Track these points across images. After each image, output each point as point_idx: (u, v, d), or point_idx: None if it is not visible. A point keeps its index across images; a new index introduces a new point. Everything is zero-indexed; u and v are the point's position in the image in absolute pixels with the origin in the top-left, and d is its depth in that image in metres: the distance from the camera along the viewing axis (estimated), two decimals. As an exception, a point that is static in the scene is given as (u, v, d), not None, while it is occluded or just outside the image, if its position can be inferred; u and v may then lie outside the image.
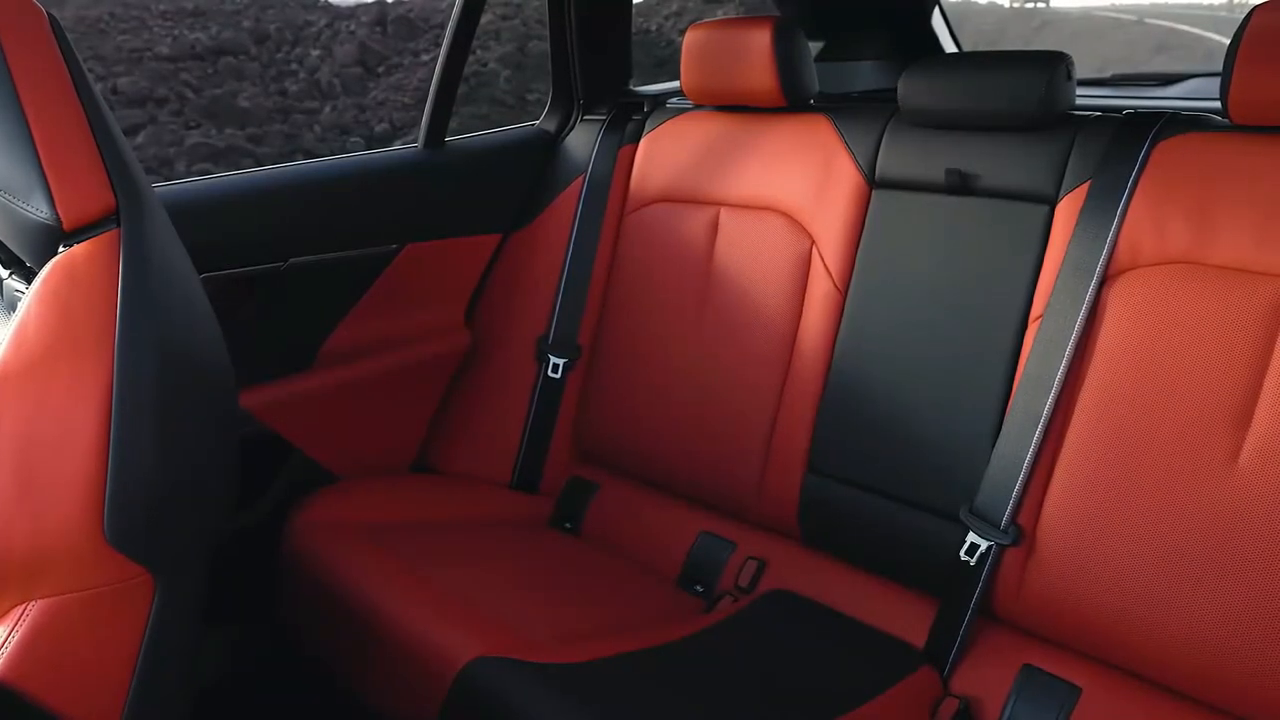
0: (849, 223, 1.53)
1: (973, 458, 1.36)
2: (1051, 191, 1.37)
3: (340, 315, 1.77)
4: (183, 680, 1.00)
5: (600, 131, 1.91)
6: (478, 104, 7.75)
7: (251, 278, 1.63)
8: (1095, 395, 1.26)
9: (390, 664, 1.36)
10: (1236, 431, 1.16)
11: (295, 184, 1.72)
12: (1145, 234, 1.27)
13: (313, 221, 1.71)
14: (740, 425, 1.58)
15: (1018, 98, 1.39)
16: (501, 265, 1.93)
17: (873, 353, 1.48)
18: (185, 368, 0.94)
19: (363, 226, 1.76)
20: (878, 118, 1.56)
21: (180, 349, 0.93)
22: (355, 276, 1.77)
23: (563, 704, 1.16)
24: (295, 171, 1.75)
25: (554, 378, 1.83)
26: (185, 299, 0.96)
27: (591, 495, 1.78)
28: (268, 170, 1.74)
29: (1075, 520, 1.25)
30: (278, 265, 1.65)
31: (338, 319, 1.77)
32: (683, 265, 1.71)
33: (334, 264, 1.72)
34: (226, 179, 1.68)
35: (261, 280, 1.65)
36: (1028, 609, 1.29)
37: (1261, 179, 1.20)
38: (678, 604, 1.53)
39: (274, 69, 7.48)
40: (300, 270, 1.68)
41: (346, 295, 1.77)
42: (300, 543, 1.56)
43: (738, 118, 1.74)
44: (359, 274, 1.77)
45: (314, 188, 1.73)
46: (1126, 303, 1.26)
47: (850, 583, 1.47)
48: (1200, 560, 1.15)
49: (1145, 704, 1.21)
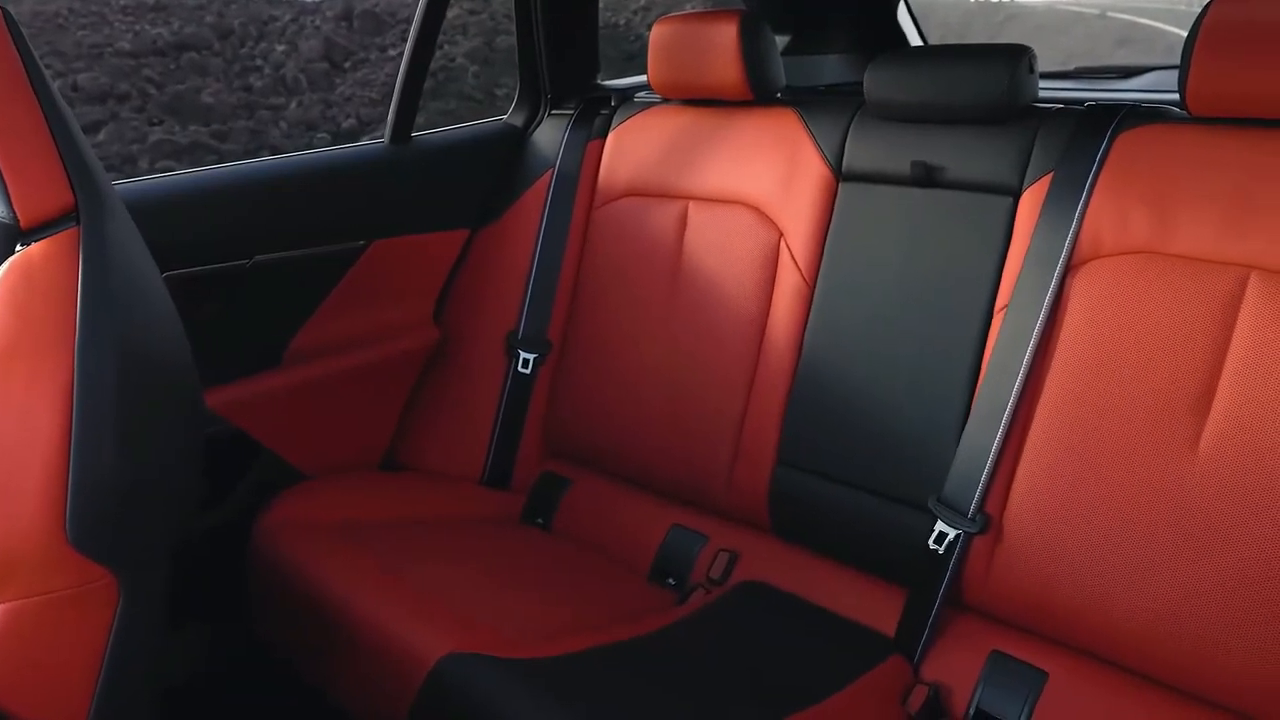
0: (816, 215, 1.54)
1: (940, 448, 1.37)
2: (1015, 183, 1.38)
3: (307, 313, 1.76)
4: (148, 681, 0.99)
5: (568, 126, 1.90)
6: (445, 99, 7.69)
7: (216, 276, 1.62)
8: (1059, 384, 1.28)
9: (361, 662, 1.35)
10: (1197, 418, 1.18)
11: (259, 180, 1.70)
12: (1107, 224, 1.28)
13: (278, 218, 1.70)
14: (710, 418, 1.58)
15: (981, 91, 1.40)
16: (470, 261, 1.92)
17: (841, 345, 1.49)
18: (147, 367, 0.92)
19: (329, 223, 1.74)
20: (844, 111, 1.57)
21: (142, 348, 0.92)
22: (322, 273, 1.76)
23: (535, 699, 1.16)
24: (259, 168, 1.73)
25: (524, 373, 1.82)
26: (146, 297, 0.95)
27: (563, 490, 1.78)
28: (231, 166, 1.72)
29: (1041, 507, 1.27)
30: (242, 263, 1.64)
31: (305, 316, 1.76)
32: (652, 259, 1.71)
33: (300, 261, 1.71)
34: (189, 175, 1.66)
35: (226, 278, 1.63)
36: (995, 596, 1.31)
37: (1218, 170, 1.22)
38: (650, 597, 1.54)
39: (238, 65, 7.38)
40: (266, 268, 1.66)
41: (313, 292, 1.76)
42: (269, 542, 1.55)
43: (705, 111, 1.74)
44: (325, 271, 1.76)
45: (279, 184, 1.72)
46: (1089, 292, 1.28)
47: (821, 573, 1.48)
48: (1163, 545, 1.17)
49: (1110, 687, 1.23)
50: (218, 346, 1.62)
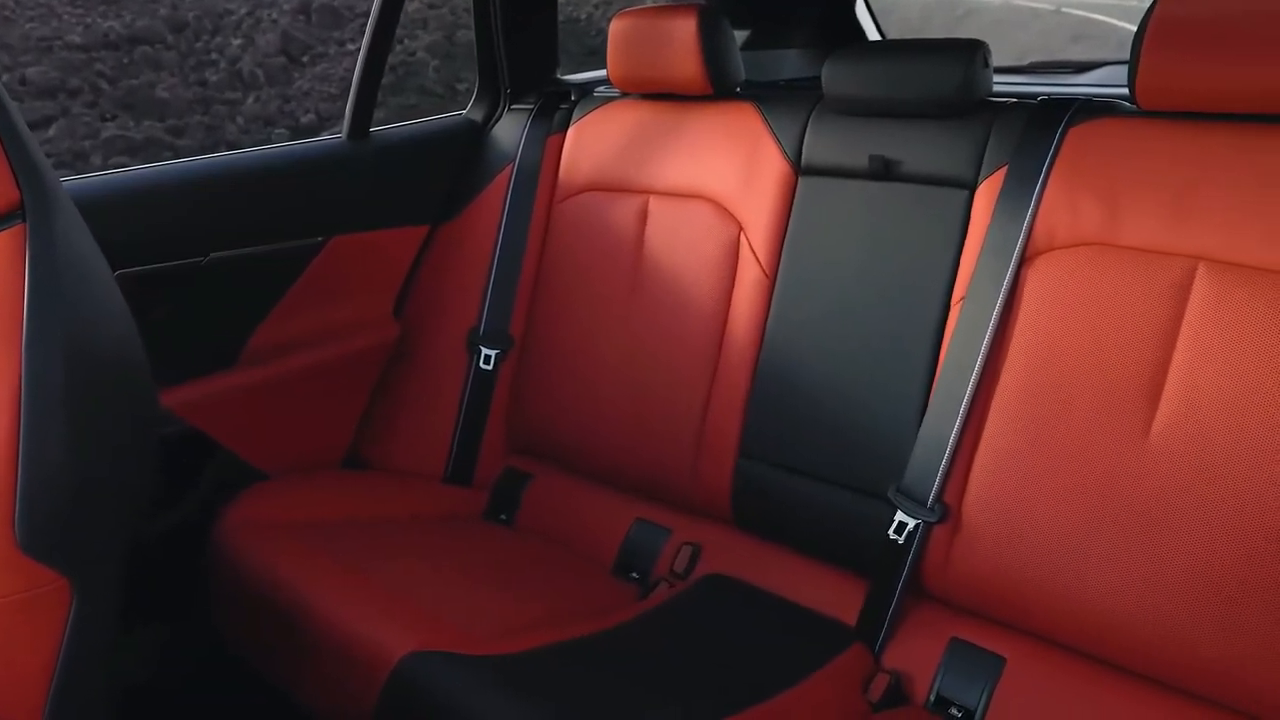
0: (776, 209, 1.55)
1: (900, 438, 1.39)
2: (971, 176, 1.40)
3: (265, 310, 1.74)
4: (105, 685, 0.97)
5: (528, 121, 1.90)
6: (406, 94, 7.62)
7: (171, 273, 1.59)
8: (1015, 374, 1.30)
9: (323, 661, 1.34)
10: (1148, 406, 1.20)
11: (215, 176, 1.68)
12: (1060, 217, 1.30)
13: (234, 215, 1.68)
14: (672, 412, 1.59)
15: (936, 85, 1.42)
16: (430, 257, 1.91)
17: (801, 338, 1.50)
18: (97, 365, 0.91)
19: (286, 219, 1.72)
20: (803, 105, 1.58)
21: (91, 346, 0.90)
22: (280, 270, 1.74)
23: (498, 695, 1.16)
24: (215, 163, 1.70)
25: (486, 369, 1.81)
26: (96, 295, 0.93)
27: (525, 486, 1.77)
28: (186, 162, 1.70)
29: (998, 496, 1.29)
30: (198, 260, 1.61)
31: (263, 314, 1.74)
32: (613, 254, 1.71)
33: (257, 258, 1.69)
34: (142, 171, 1.63)
35: (181, 276, 1.61)
36: (954, 584, 1.33)
37: (1166, 162, 1.24)
38: (614, 592, 1.54)
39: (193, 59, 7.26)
40: (222, 265, 1.64)
41: (271, 290, 1.74)
42: (229, 542, 1.53)
43: (665, 106, 1.74)
44: (283, 268, 1.74)
45: (234, 180, 1.70)
46: (1043, 284, 1.30)
47: (783, 564, 1.49)
48: (1117, 532, 1.20)
49: (1067, 671, 1.25)
50: (174, 345, 1.59)
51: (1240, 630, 1.12)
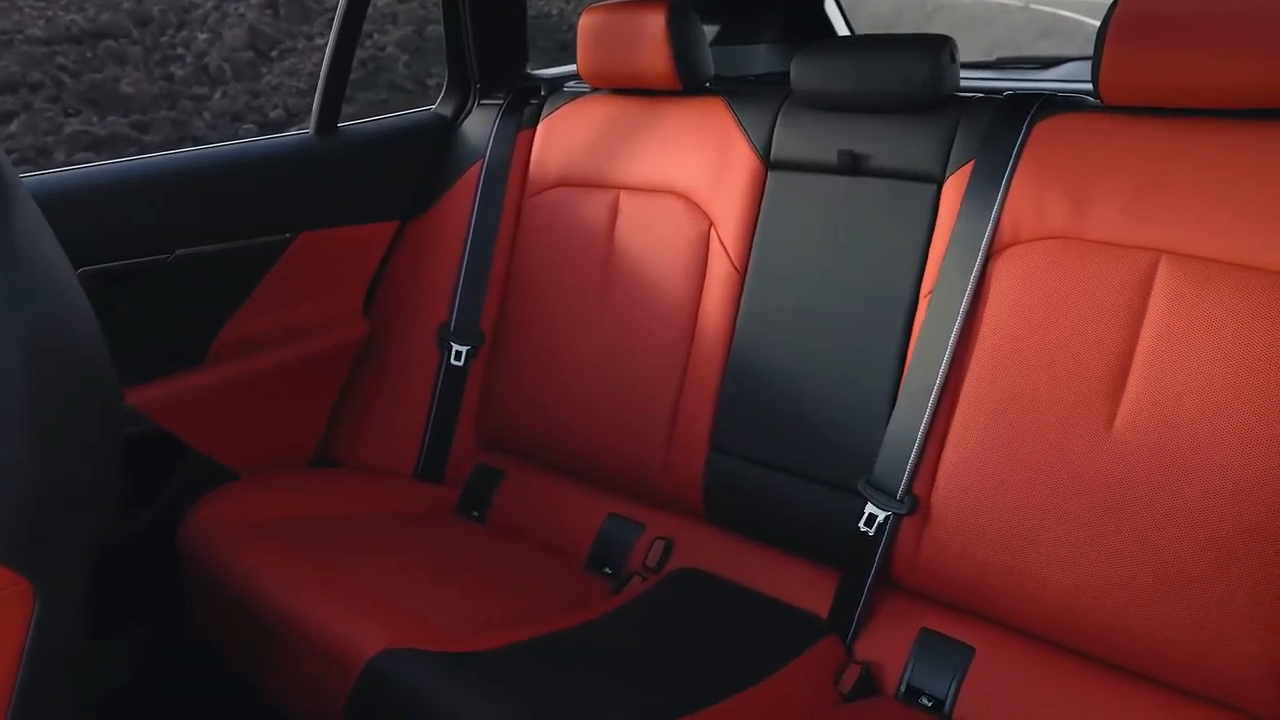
0: (746, 204, 1.56)
1: (870, 431, 1.40)
2: (938, 171, 1.41)
3: (233, 307, 1.72)
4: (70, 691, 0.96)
5: (498, 116, 1.89)
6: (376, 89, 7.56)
7: (136, 270, 1.57)
8: (982, 367, 1.31)
9: (295, 660, 1.33)
10: (1113, 398, 1.22)
11: (180, 172, 1.66)
12: (1026, 211, 1.32)
13: (200, 211, 1.66)
14: (644, 407, 1.59)
15: (904, 80, 1.43)
16: (400, 253, 1.90)
17: (772, 332, 1.51)
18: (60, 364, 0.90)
19: (253, 216, 1.71)
20: (772, 100, 1.58)
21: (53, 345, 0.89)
22: (247, 267, 1.72)
23: (470, 692, 1.16)
24: (180, 159, 1.68)
25: (457, 365, 1.81)
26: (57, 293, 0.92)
27: (498, 482, 1.77)
28: (150, 158, 1.67)
29: (966, 488, 1.30)
30: (163, 257, 1.59)
31: (230, 311, 1.72)
32: (583, 249, 1.71)
33: (224, 255, 1.67)
34: (105, 167, 1.61)
35: (147, 273, 1.59)
36: (924, 575, 1.34)
37: (1129, 157, 1.26)
38: (587, 587, 1.54)
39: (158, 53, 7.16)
40: (188, 262, 1.62)
41: (238, 287, 1.72)
42: (199, 542, 1.52)
43: (635, 101, 1.74)
44: (251, 265, 1.72)
45: (200, 176, 1.68)
46: (1010, 277, 1.31)
47: (755, 558, 1.50)
48: (1083, 522, 1.21)
49: (1036, 660, 1.27)
50: (140, 344, 1.58)
51: (1201, 616, 1.13)
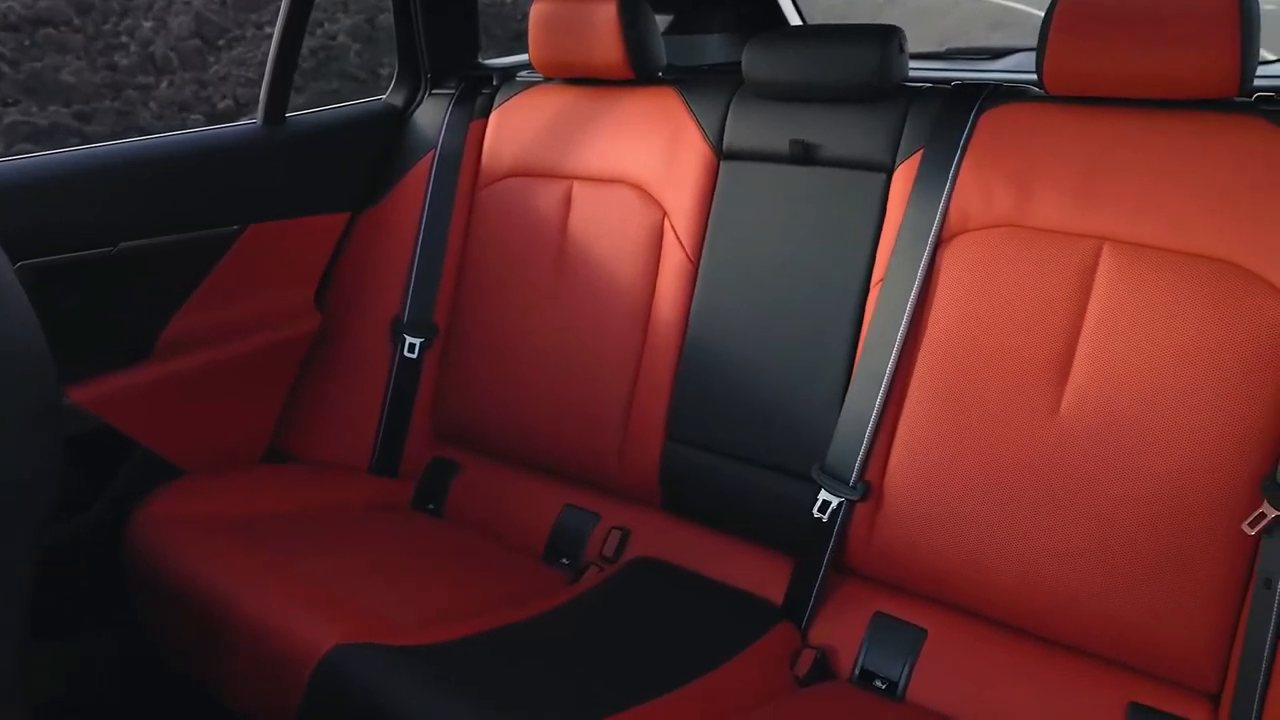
0: (699, 194, 1.56)
1: (823, 419, 1.41)
2: (888, 160, 1.43)
3: (180, 301, 1.69)
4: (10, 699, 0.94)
5: (449, 106, 1.87)
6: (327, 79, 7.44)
7: (78, 264, 1.54)
8: (932, 354, 1.33)
9: (248, 659, 1.31)
10: (1058, 383, 1.24)
11: (124, 163, 1.62)
12: (973, 199, 1.34)
13: (144, 203, 1.62)
14: (599, 397, 1.59)
15: (853, 70, 1.44)
16: (351, 245, 1.87)
17: (725, 321, 1.52)
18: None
19: (200, 207, 1.68)
20: (724, 90, 1.59)
21: None
22: (194, 260, 1.69)
23: (426, 685, 1.15)
24: (123, 149, 1.65)
25: (410, 358, 1.79)
26: (-7, 287, 0.89)
27: (453, 475, 1.76)
28: (92, 149, 1.63)
29: (917, 473, 1.32)
30: (106, 250, 1.56)
31: (177, 305, 1.69)
32: (537, 240, 1.70)
33: (170, 247, 1.64)
34: (45, 158, 1.57)
35: (89, 267, 1.55)
36: (877, 559, 1.36)
37: (1072, 146, 1.28)
38: (544, 578, 1.54)
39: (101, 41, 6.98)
40: (132, 255, 1.59)
41: (185, 280, 1.69)
42: (146, 540, 1.49)
43: (587, 91, 1.74)
44: (198, 257, 1.69)
45: (145, 167, 1.64)
46: (958, 265, 1.33)
47: (711, 546, 1.51)
48: (1029, 505, 1.24)
49: (985, 640, 1.29)
50: (84, 338, 1.54)
51: (1146, 595, 1.17)
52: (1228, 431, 1.14)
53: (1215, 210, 1.18)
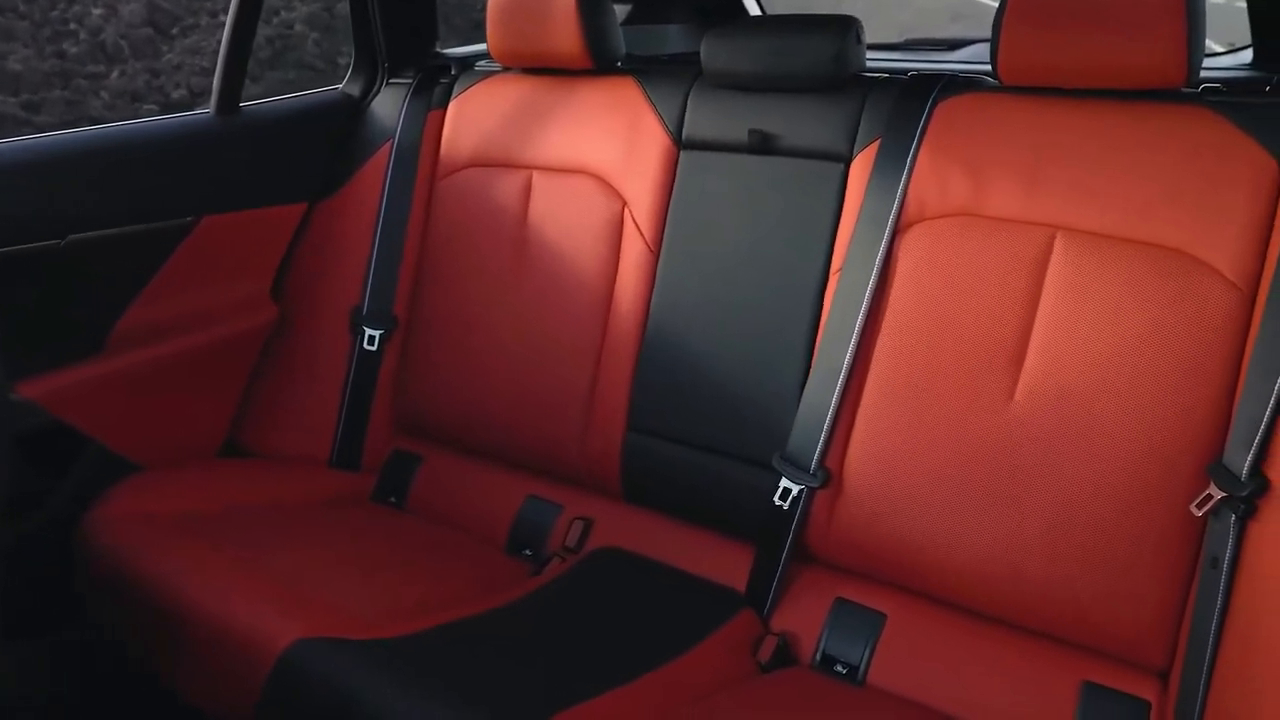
0: (659, 184, 1.56)
1: (783, 407, 1.42)
2: (846, 150, 1.44)
3: (133, 294, 1.66)
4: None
5: (407, 95, 1.85)
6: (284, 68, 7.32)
7: (24, 257, 1.50)
8: (890, 342, 1.34)
9: (206, 655, 1.30)
10: (1012, 371, 1.26)
11: (73, 153, 1.59)
12: (930, 188, 1.35)
13: (95, 194, 1.59)
14: (561, 388, 1.59)
15: (811, 60, 1.45)
16: (309, 236, 1.85)
17: (686, 311, 1.52)
18: None
19: (152, 199, 1.65)
20: (683, 80, 1.59)
21: None
22: (147, 252, 1.66)
23: (387, 678, 1.15)
24: (72, 139, 1.61)
25: (370, 350, 1.78)
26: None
27: (415, 467, 1.75)
28: (40, 138, 1.60)
29: (876, 460, 1.33)
30: (55, 243, 1.53)
31: (130, 298, 1.66)
32: (497, 231, 1.69)
33: (121, 239, 1.61)
34: None
35: (38, 259, 1.52)
36: (837, 546, 1.37)
37: (1025, 136, 1.30)
38: (506, 569, 1.54)
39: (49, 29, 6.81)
40: (83, 247, 1.56)
41: (138, 273, 1.66)
42: (101, 538, 1.46)
43: (546, 80, 1.73)
44: (151, 250, 1.66)
45: (94, 157, 1.61)
46: (915, 254, 1.35)
47: (674, 535, 1.52)
48: (985, 491, 1.26)
49: (945, 624, 1.31)
50: (33, 333, 1.51)
51: (1099, 577, 1.19)
52: (1176, 416, 1.16)
53: (1164, 200, 1.21)
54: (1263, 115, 1.19)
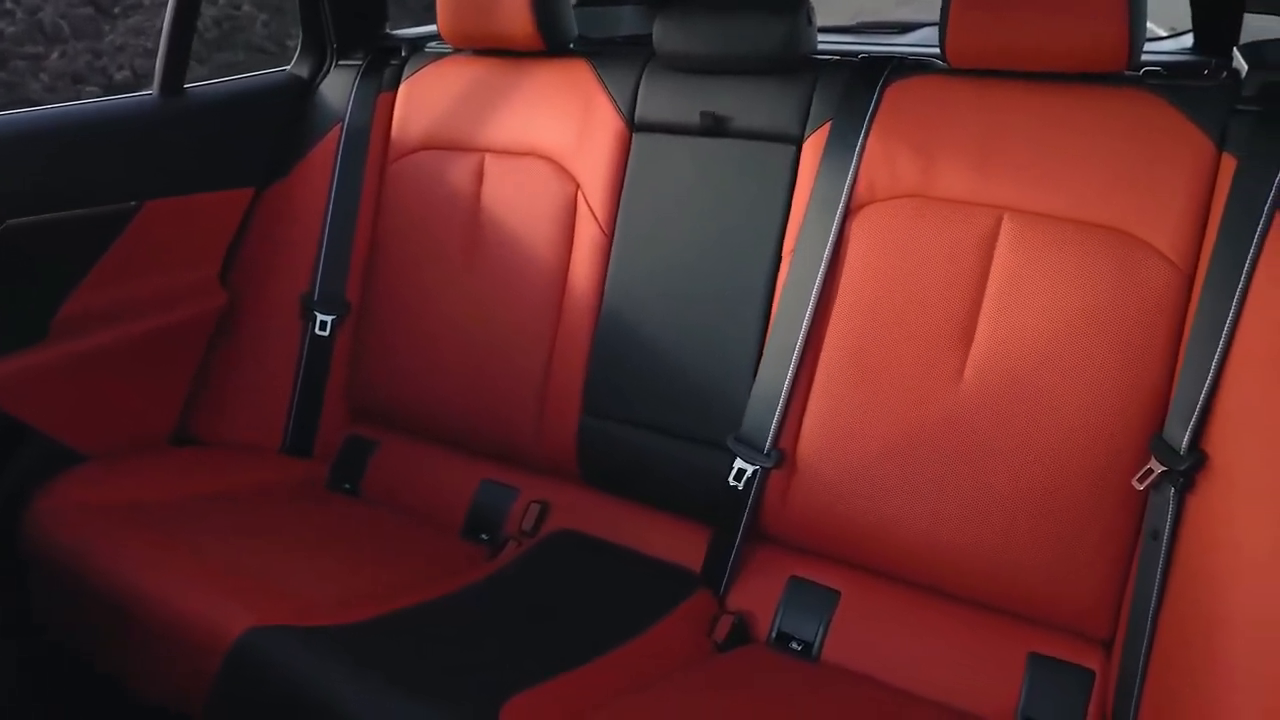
0: (612, 166, 1.56)
1: (737, 389, 1.43)
2: (797, 132, 1.44)
3: (75, 280, 1.62)
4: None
5: (356, 77, 1.83)
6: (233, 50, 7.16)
7: None
8: (842, 323, 1.36)
9: (156, 648, 1.28)
10: (961, 350, 1.28)
11: (11, 137, 1.54)
12: (880, 170, 1.36)
13: (34, 178, 1.55)
14: (516, 372, 1.58)
15: (761, 42, 1.45)
16: (258, 221, 1.82)
17: (640, 294, 1.52)
18: None
19: (94, 183, 1.61)
20: (635, 62, 1.59)
21: None
22: (89, 238, 1.62)
23: (341, 665, 1.14)
24: (11, 122, 1.57)
25: (322, 335, 1.76)
26: None
27: (370, 453, 1.74)
28: (-29, 121, 1.55)
29: (829, 440, 1.35)
30: None
31: (73, 284, 1.62)
32: (450, 214, 1.68)
33: (61, 225, 1.57)
34: None
35: None
36: (791, 525, 1.39)
37: (972, 118, 1.32)
38: (462, 554, 1.53)
39: (-17, 8, 6.61)
40: (22, 233, 1.52)
41: (81, 258, 1.62)
42: (44, 530, 1.44)
43: (498, 62, 1.71)
44: (94, 235, 1.63)
45: (34, 141, 1.57)
46: (866, 235, 1.36)
47: (630, 517, 1.52)
48: (935, 468, 1.28)
49: (896, 599, 1.33)
50: (-31, 321, 1.47)
51: (1047, 552, 1.22)
52: (1119, 393, 1.19)
53: (1107, 181, 1.23)
54: (1201, 98, 1.22)
